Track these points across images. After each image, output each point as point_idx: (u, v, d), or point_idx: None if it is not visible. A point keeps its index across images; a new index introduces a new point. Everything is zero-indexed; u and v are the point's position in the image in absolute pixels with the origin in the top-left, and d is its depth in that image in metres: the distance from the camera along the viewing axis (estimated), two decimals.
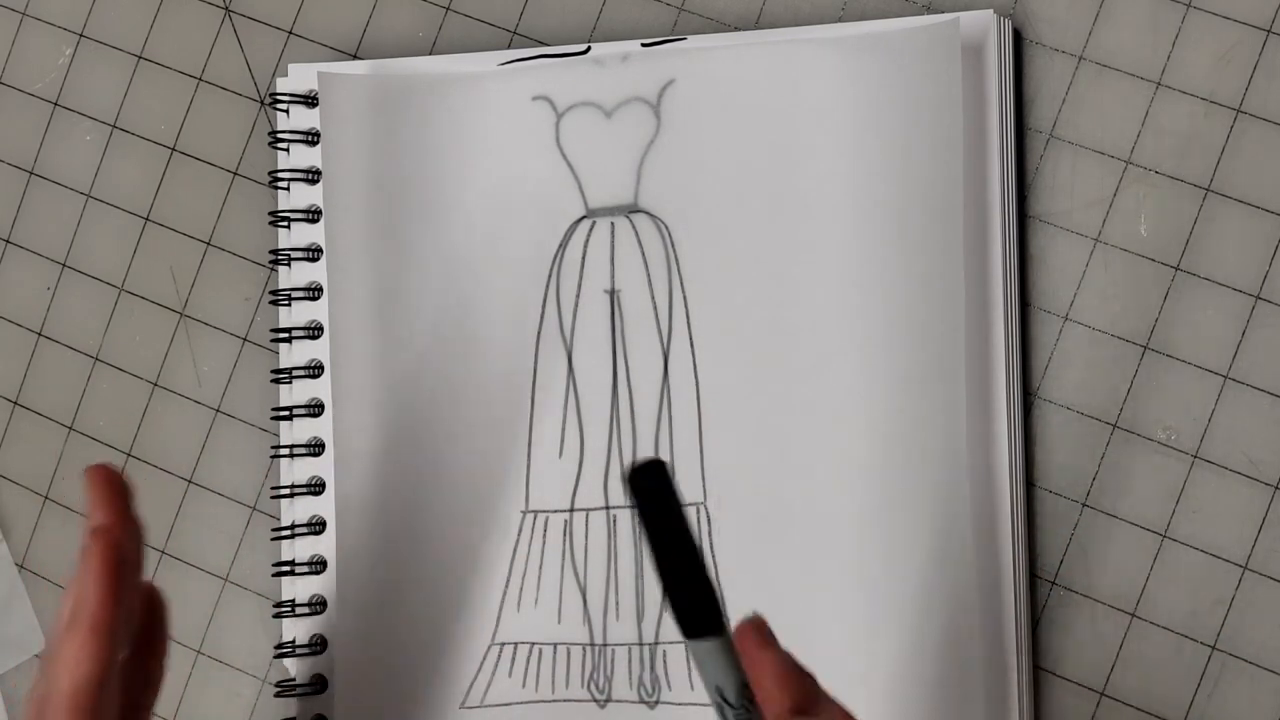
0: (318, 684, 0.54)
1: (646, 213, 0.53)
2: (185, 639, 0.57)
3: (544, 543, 0.53)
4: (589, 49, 0.54)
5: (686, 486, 0.52)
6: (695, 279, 0.52)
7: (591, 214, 0.53)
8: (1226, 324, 0.49)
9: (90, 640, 0.39)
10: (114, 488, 0.42)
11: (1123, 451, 0.50)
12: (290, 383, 0.55)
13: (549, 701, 0.52)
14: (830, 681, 0.50)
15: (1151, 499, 0.49)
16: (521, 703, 0.52)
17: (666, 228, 0.52)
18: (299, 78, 0.56)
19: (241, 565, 0.57)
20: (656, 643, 0.52)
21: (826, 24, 0.53)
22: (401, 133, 0.54)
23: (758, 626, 0.38)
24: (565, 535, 0.53)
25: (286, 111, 0.56)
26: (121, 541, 0.40)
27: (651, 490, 0.35)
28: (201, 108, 0.59)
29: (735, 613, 0.51)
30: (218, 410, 0.58)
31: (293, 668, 0.54)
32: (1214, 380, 0.49)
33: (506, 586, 0.53)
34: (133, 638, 0.44)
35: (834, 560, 0.50)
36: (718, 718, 0.36)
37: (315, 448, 0.55)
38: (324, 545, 0.54)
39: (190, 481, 0.58)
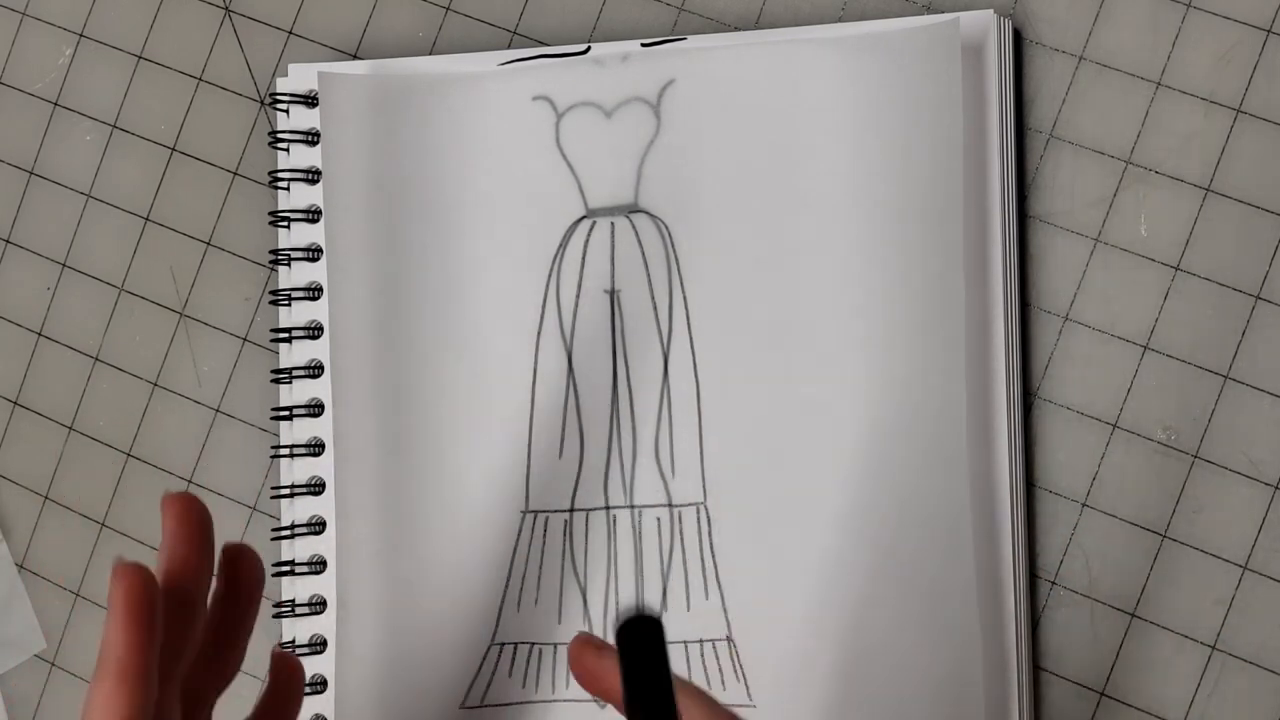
0: (318, 684, 0.54)
1: (646, 213, 0.53)
2: None
3: (544, 543, 0.53)
4: (589, 49, 0.54)
5: (686, 486, 0.52)
6: (695, 279, 0.52)
7: (591, 214, 0.53)
8: (1226, 324, 0.49)
9: (116, 689, 0.36)
10: (180, 517, 0.39)
11: (1123, 451, 0.50)
12: (290, 383, 0.55)
13: (549, 702, 0.52)
14: (830, 681, 0.50)
15: (1151, 499, 0.49)
16: (521, 703, 0.52)
17: (666, 228, 0.53)
18: (299, 78, 0.56)
19: None
20: None
21: (826, 24, 0.53)
22: (401, 133, 0.54)
23: (587, 642, 0.41)
24: (565, 535, 0.53)
25: (286, 111, 0.56)
26: (145, 581, 0.37)
27: (643, 650, 0.31)
28: (201, 108, 0.59)
29: (737, 612, 0.51)
30: (218, 410, 0.58)
31: None
32: (1214, 380, 0.49)
33: (506, 586, 0.53)
34: (260, 704, 0.43)
35: (834, 560, 0.50)
36: None
37: (315, 448, 0.55)
38: (324, 545, 0.54)
39: (190, 481, 0.58)
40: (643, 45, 0.53)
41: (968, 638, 0.48)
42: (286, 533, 0.54)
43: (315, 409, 0.55)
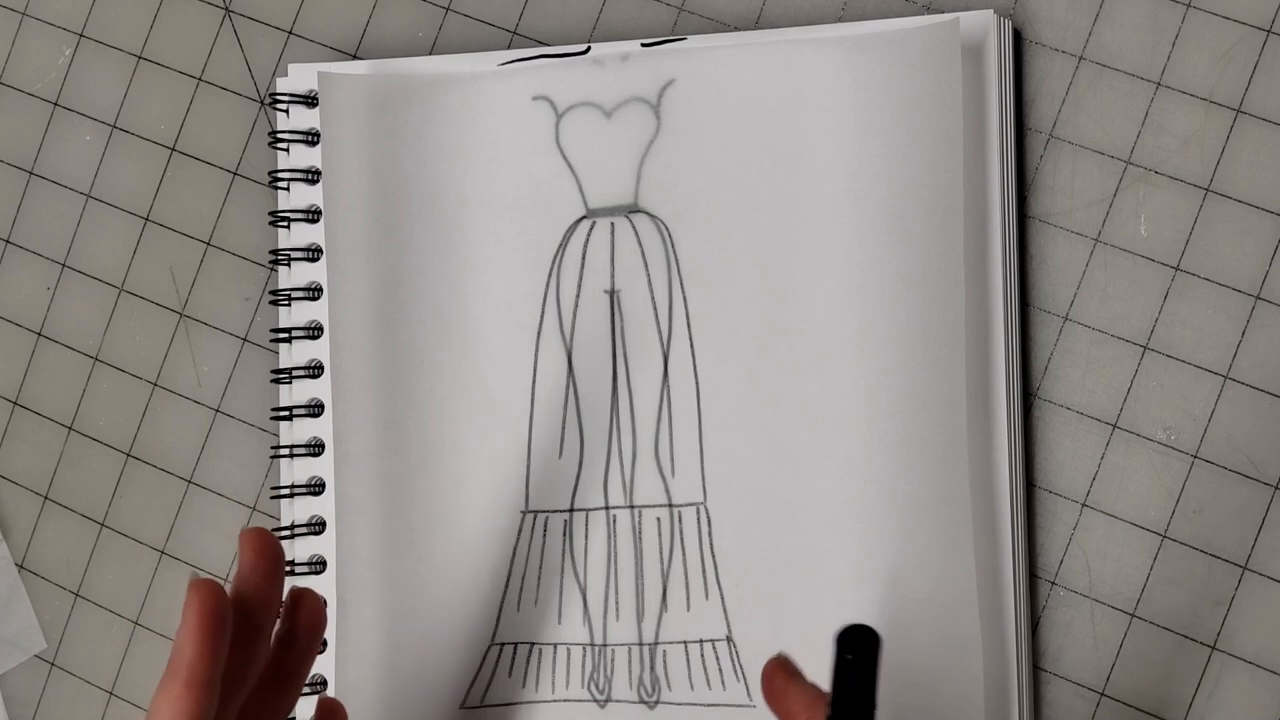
0: (318, 684, 0.54)
1: (646, 213, 0.53)
2: None
3: (544, 543, 0.53)
4: (589, 49, 0.54)
5: (686, 486, 0.52)
6: (695, 279, 0.52)
7: (591, 214, 0.53)
8: (1226, 324, 0.49)
9: (184, 693, 0.38)
10: (258, 551, 0.42)
11: (1123, 451, 0.50)
12: (290, 383, 0.55)
13: (549, 702, 0.52)
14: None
15: (1151, 499, 0.49)
16: (521, 703, 0.52)
17: (666, 228, 0.53)
18: (299, 78, 0.56)
19: None
20: (656, 643, 0.52)
21: (826, 24, 0.53)
22: (401, 133, 0.54)
23: (783, 664, 0.43)
24: (565, 535, 0.53)
25: (286, 111, 0.56)
26: (220, 597, 0.39)
27: (857, 659, 0.37)
28: (201, 108, 0.59)
29: (737, 613, 0.51)
30: (218, 410, 0.58)
31: None
32: (1214, 380, 0.49)
33: (506, 586, 0.53)
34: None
35: (834, 560, 0.50)
36: None
37: (315, 448, 0.55)
38: (324, 545, 0.54)
39: (190, 481, 0.58)
40: (643, 45, 0.53)
41: (968, 638, 0.48)
42: (286, 533, 0.54)
43: (315, 409, 0.55)
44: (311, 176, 0.56)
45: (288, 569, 0.54)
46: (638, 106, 0.53)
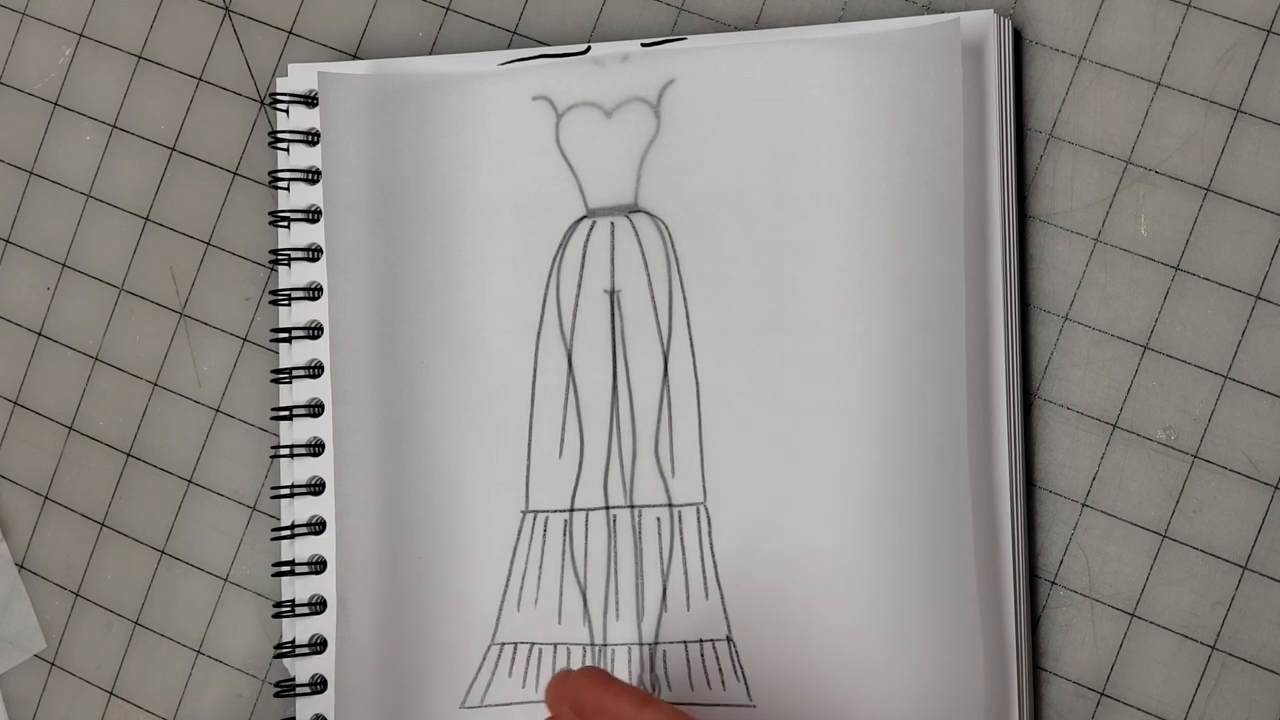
0: (318, 684, 0.54)
1: (646, 213, 0.53)
2: (185, 639, 0.57)
3: (544, 543, 0.53)
4: (589, 49, 0.54)
5: (686, 486, 0.52)
6: (695, 279, 0.52)
7: (591, 214, 0.53)
8: (1226, 324, 0.49)
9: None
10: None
11: (1123, 451, 0.50)
12: (290, 383, 0.55)
13: None
14: (830, 680, 0.50)
15: (1151, 499, 0.49)
16: (521, 703, 0.52)
17: (666, 228, 0.53)
18: (299, 78, 0.56)
19: (241, 565, 0.57)
20: (656, 643, 0.52)
21: (826, 24, 0.53)
22: (401, 133, 0.54)
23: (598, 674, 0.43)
24: (565, 535, 0.53)
25: (286, 111, 0.56)
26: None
27: None
28: (201, 108, 0.59)
29: (737, 612, 0.51)
30: (218, 410, 0.58)
31: (292, 668, 0.54)
32: (1214, 380, 0.49)
33: (506, 586, 0.53)
34: None
35: (834, 559, 0.50)
36: None
37: (315, 448, 0.55)
38: (324, 545, 0.54)
39: (190, 481, 0.58)
40: (643, 45, 0.53)
41: (968, 638, 0.48)
42: (286, 533, 0.54)
43: (315, 409, 0.55)
44: (311, 176, 0.56)
45: (288, 569, 0.54)
46: (638, 106, 0.53)
